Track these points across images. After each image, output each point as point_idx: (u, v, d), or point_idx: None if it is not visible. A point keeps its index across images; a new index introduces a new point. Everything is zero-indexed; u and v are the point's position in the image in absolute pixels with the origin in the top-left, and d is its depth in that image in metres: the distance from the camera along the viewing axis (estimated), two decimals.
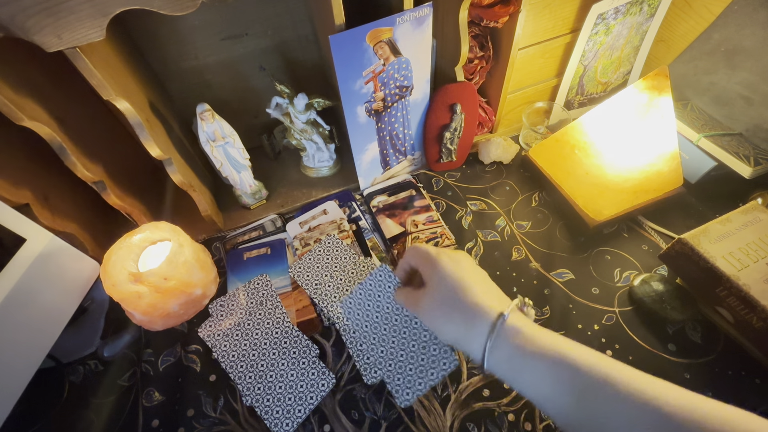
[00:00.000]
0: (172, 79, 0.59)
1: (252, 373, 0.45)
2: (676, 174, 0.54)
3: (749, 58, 0.58)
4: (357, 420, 0.42)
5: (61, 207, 0.50)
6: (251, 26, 0.57)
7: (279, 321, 0.49)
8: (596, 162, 0.57)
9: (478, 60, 0.61)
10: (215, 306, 0.50)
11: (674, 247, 0.46)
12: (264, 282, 0.52)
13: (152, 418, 0.43)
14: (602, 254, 0.54)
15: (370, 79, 0.51)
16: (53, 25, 0.34)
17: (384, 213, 0.59)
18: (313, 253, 0.54)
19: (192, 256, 0.48)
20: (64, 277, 0.46)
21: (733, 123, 0.62)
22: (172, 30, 0.54)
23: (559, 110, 0.68)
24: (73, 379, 0.47)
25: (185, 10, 0.37)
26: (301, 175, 0.67)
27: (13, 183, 0.44)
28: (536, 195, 0.62)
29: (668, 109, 0.51)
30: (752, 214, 0.47)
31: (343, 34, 0.45)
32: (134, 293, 0.44)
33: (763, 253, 0.44)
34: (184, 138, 0.60)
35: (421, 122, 0.61)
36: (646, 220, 0.57)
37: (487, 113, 0.67)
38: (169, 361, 0.47)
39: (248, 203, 0.62)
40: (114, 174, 0.52)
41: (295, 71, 0.65)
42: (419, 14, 0.48)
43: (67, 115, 0.47)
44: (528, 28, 0.56)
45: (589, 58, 0.64)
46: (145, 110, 0.48)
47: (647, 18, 0.64)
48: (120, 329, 0.50)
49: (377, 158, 0.61)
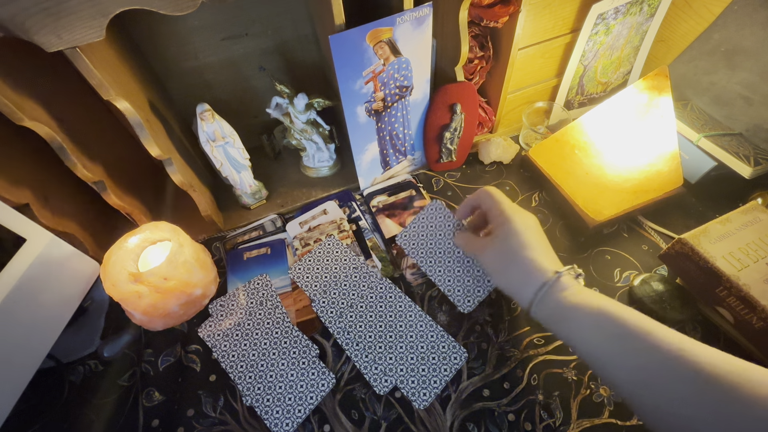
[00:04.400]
0: (172, 79, 0.59)
1: (252, 373, 0.45)
2: (676, 174, 0.54)
3: (749, 58, 0.58)
4: (357, 420, 0.42)
5: (61, 207, 0.50)
6: (251, 26, 0.57)
7: (279, 321, 0.49)
8: (596, 162, 0.57)
9: (478, 60, 0.61)
10: (215, 306, 0.50)
11: (674, 247, 0.46)
12: (264, 282, 0.52)
13: (152, 418, 0.43)
14: (602, 254, 0.54)
15: (370, 79, 0.51)
16: (53, 25, 0.34)
17: (383, 213, 0.59)
18: (313, 254, 0.54)
19: (192, 256, 0.48)
20: (64, 277, 0.46)
21: (733, 123, 0.62)
22: (172, 30, 0.54)
23: (559, 110, 0.68)
24: (73, 379, 0.47)
25: (185, 10, 0.37)
26: (301, 175, 0.67)
27: (13, 183, 0.44)
28: (536, 195, 0.62)
29: (668, 109, 0.51)
30: (752, 214, 0.47)
31: (343, 34, 0.45)
32: (134, 293, 0.44)
33: (763, 253, 0.44)
34: (184, 138, 0.60)
35: (421, 122, 0.61)
36: (646, 220, 0.57)
37: (487, 113, 0.67)
38: (169, 361, 0.47)
39: (248, 203, 0.62)
40: (114, 174, 0.52)
41: (295, 71, 0.65)
42: (419, 14, 0.48)
43: (67, 115, 0.47)
44: (528, 28, 0.56)
45: (589, 58, 0.64)
46: (145, 110, 0.48)
47: (647, 18, 0.64)
48: (120, 329, 0.50)
49: (377, 158, 0.61)
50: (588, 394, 0.42)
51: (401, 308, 0.48)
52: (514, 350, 0.46)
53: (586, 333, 0.34)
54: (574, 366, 0.44)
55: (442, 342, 0.45)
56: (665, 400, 0.29)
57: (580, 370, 0.44)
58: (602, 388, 0.43)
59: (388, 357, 0.45)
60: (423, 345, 0.45)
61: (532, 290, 0.37)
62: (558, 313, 0.36)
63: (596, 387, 0.43)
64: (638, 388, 0.31)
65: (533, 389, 0.43)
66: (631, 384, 0.32)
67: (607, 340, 0.33)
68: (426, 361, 0.44)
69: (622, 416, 0.41)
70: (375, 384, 0.43)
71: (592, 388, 0.43)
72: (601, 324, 0.33)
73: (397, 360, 0.44)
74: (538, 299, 0.36)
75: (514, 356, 0.45)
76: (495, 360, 0.45)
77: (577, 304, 0.35)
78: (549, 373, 0.44)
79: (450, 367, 0.44)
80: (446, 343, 0.45)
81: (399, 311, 0.48)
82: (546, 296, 0.36)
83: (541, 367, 0.45)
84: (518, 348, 0.46)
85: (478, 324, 0.48)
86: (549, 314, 0.36)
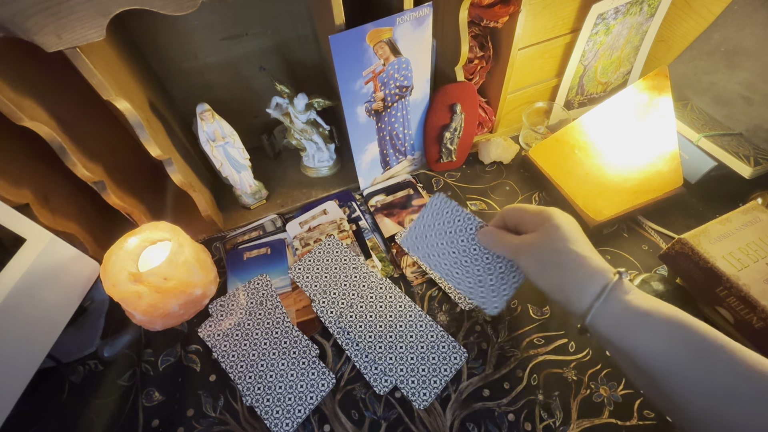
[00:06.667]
0: (172, 79, 0.59)
1: (252, 373, 0.45)
2: (676, 174, 0.54)
3: (749, 58, 0.58)
4: (357, 420, 0.42)
5: (61, 207, 0.50)
6: (251, 26, 0.57)
7: (279, 321, 0.49)
8: (596, 162, 0.57)
9: (478, 60, 0.61)
10: (215, 306, 0.50)
11: (674, 247, 0.46)
12: (264, 282, 0.52)
13: (152, 418, 0.43)
14: (602, 254, 0.53)
15: (370, 79, 0.51)
16: (53, 25, 0.34)
17: (382, 212, 0.59)
18: (313, 254, 0.54)
19: (192, 256, 0.48)
20: (64, 277, 0.46)
21: (733, 123, 0.62)
22: (172, 30, 0.54)
23: (559, 110, 0.68)
24: (73, 379, 0.47)
25: (185, 10, 0.37)
26: (301, 175, 0.67)
27: (13, 183, 0.44)
28: (536, 195, 0.62)
29: (668, 109, 0.51)
30: (752, 214, 0.47)
31: (343, 34, 0.45)
32: (134, 293, 0.44)
33: (763, 253, 0.44)
34: (184, 138, 0.60)
35: (421, 122, 0.61)
36: (646, 220, 0.57)
37: (487, 113, 0.67)
38: (169, 361, 0.47)
39: (248, 203, 0.62)
40: (114, 174, 0.52)
41: (295, 71, 0.65)
42: (419, 14, 0.48)
43: (67, 115, 0.47)
44: (528, 28, 0.56)
45: (589, 58, 0.64)
46: (145, 110, 0.48)
47: (647, 18, 0.64)
48: (120, 329, 0.50)
49: (377, 158, 0.61)
50: (588, 394, 0.42)
51: (401, 308, 0.48)
52: (514, 350, 0.46)
53: (657, 341, 0.30)
54: (574, 366, 0.44)
55: (442, 342, 0.45)
56: (747, 418, 0.27)
57: (580, 370, 0.44)
58: (602, 388, 0.43)
59: (388, 357, 0.45)
60: (423, 345, 0.45)
61: (591, 293, 0.32)
62: (625, 319, 0.31)
63: (596, 387, 0.43)
64: (716, 406, 0.28)
65: (533, 389, 0.43)
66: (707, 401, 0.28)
67: (682, 350, 0.29)
68: (426, 361, 0.44)
69: (622, 416, 0.41)
70: (375, 384, 0.43)
71: (592, 388, 0.43)
72: (677, 333, 0.30)
73: (397, 360, 0.44)
74: (599, 303, 0.32)
75: (514, 356, 0.45)
76: (495, 360, 0.45)
77: (649, 309, 0.31)
78: (549, 373, 0.44)
79: (450, 367, 0.44)
80: (446, 343, 0.45)
81: (399, 311, 0.48)
82: (609, 300, 0.32)
83: (541, 367, 0.45)
84: (518, 348, 0.46)
85: (478, 324, 0.48)
86: (612, 320, 0.32)
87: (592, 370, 0.44)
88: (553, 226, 0.35)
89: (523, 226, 0.38)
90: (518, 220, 0.39)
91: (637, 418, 0.41)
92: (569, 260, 0.34)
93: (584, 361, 0.45)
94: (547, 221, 0.36)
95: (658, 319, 0.30)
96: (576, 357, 0.45)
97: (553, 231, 0.35)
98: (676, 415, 0.32)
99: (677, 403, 0.30)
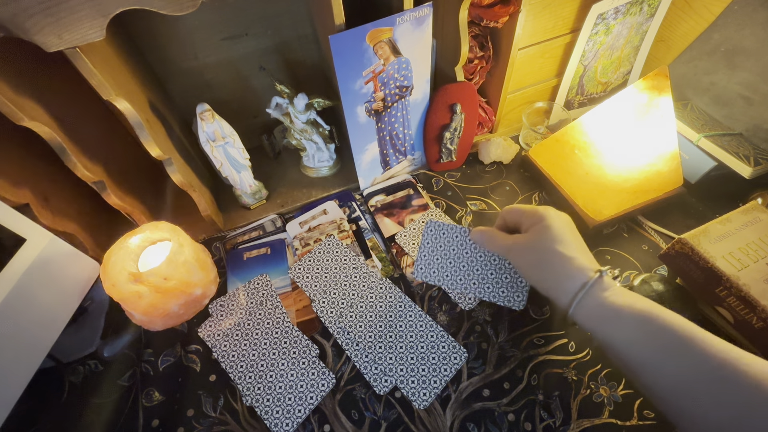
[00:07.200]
0: (172, 79, 0.59)
1: (252, 373, 0.45)
2: (676, 174, 0.54)
3: (749, 58, 0.58)
4: (357, 420, 0.42)
5: (61, 207, 0.50)
6: (251, 26, 0.57)
7: (279, 321, 0.49)
8: (596, 162, 0.57)
9: (478, 60, 0.61)
10: (215, 306, 0.50)
11: (674, 247, 0.46)
12: (264, 282, 0.52)
13: (152, 418, 0.43)
14: (602, 254, 0.54)
15: (370, 79, 0.51)
16: (53, 25, 0.34)
17: (382, 212, 0.59)
18: (313, 254, 0.54)
19: (192, 256, 0.48)
20: (64, 277, 0.46)
21: (733, 123, 0.62)
22: (172, 30, 0.54)
23: (559, 110, 0.68)
24: (73, 379, 0.47)
25: (185, 10, 0.37)
26: (301, 175, 0.67)
27: (13, 183, 0.44)
28: (536, 195, 0.62)
29: (668, 109, 0.51)
30: (752, 214, 0.47)
31: (343, 34, 0.45)
32: (134, 293, 0.44)
33: (763, 253, 0.44)
34: (184, 138, 0.60)
35: (421, 122, 0.61)
36: (646, 220, 0.57)
37: (487, 113, 0.67)
38: (169, 361, 0.47)
39: (248, 203, 0.62)
40: (114, 174, 0.52)
41: (295, 71, 0.65)
42: (419, 14, 0.48)
43: (67, 115, 0.47)
44: (528, 28, 0.56)
45: (589, 58, 0.65)
46: (145, 110, 0.48)
47: (647, 18, 0.64)
48: (120, 329, 0.50)
49: (377, 158, 0.61)
50: (588, 394, 0.42)
51: (401, 308, 0.48)
52: (514, 350, 0.46)
53: (630, 336, 0.32)
54: (574, 366, 0.44)
55: (442, 342, 0.45)
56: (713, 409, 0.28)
57: (580, 370, 0.44)
58: (602, 388, 0.43)
59: (388, 357, 0.45)
60: (423, 345, 0.45)
61: (572, 289, 0.36)
62: (600, 313, 0.34)
63: (596, 387, 0.43)
64: (683, 395, 0.30)
65: (533, 389, 0.43)
66: (675, 391, 0.30)
67: (652, 344, 0.31)
68: (426, 361, 0.44)
69: (622, 416, 0.41)
70: (375, 384, 0.43)
71: (592, 388, 0.43)
72: (647, 328, 0.32)
73: (397, 360, 0.44)
74: (579, 298, 0.35)
75: (514, 356, 0.45)
76: (495, 360, 0.45)
77: (621, 305, 0.33)
78: (549, 373, 0.44)
79: (450, 367, 0.44)
80: (446, 343, 0.45)
81: (399, 311, 0.48)
82: (588, 296, 0.35)
83: (541, 367, 0.45)
84: (518, 348, 0.46)
85: (478, 324, 0.48)
86: (590, 315, 0.35)
87: (592, 370, 0.44)
88: (544, 227, 0.38)
89: (520, 225, 0.41)
90: (516, 219, 0.41)
91: (637, 418, 0.41)
92: (555, 260, 0.37)
93: (584, 361, 0.45)
94: (539, 222, 0.38)
95: (629, 314, 0.33)
96: (576, 357, 0.45)
97: (543, 231, 0.38)
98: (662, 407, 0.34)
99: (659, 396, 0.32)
